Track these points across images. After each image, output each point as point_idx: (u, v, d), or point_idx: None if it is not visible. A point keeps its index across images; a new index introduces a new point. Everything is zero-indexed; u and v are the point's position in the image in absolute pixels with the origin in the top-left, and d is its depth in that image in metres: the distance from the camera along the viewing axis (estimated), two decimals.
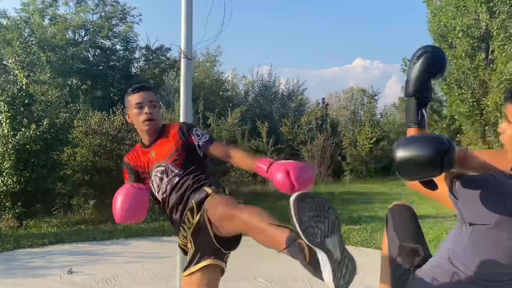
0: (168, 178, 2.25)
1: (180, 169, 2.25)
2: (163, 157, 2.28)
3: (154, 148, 2.33)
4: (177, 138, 2.30)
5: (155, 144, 2.33)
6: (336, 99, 43.70)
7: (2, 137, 7.28)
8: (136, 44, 23.08)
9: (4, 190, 7.28)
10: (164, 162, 2.27)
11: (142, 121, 2.28)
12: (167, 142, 2.31)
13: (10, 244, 6.03)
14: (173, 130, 2.33)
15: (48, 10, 21.39)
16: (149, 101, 2.30)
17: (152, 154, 2.32)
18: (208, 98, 20.14)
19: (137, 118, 2.30)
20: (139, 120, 2.29)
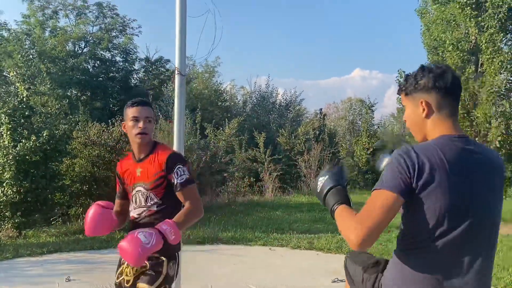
0: (147, 204, 2.37)
1: (159, 198, 2.35)
2: (146, 178, 2.37)
3: (141, 165, 2.40)
4: (163, 167, 2.34)
5: (144, 162, 2.40)
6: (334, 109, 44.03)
7: (3, 148, 7.44)
8: (135, 56, 23.35)
9: (4, 200, 7.41)
10: (146, 185, 2.36)
11: (135, 134, 2.35)
12: (154, 166, 2.36)
13: (9, 253, 6.16)
14: (162, 157, 2.35)
15: (48, 22, 21.67)
16: (146, 117, 2.36)
17: (138, 171, 2.40)
18: (206, 108, 20.34)
19: (131, 130, 2.38)
20: (132, 132, 2.37)
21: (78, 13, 22.62)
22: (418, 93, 1.52)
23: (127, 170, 2.47)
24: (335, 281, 5.06)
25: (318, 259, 6.26)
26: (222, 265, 5.86)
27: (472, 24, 8.52)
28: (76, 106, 18.07)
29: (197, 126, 12.49)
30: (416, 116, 1.55)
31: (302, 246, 6.88)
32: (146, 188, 2.36)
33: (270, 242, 7.13)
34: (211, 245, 7.05)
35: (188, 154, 9.98)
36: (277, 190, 15.10)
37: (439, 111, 1.50)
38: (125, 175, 2.47)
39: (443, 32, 8.79)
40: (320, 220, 9.59)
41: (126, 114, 2.42)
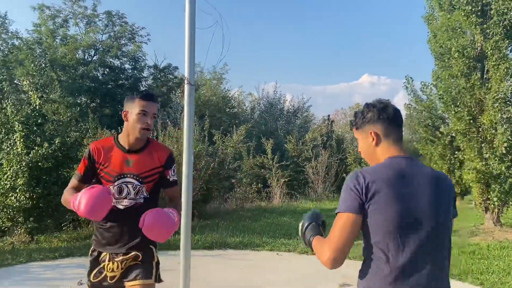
0: (137, 197, 2.36)
1: (147, 192, 2.41)
2: (139, 170, 2.36)
3: (134, 157, 2.37)
4: (162, 163, 2.42)
5: (138, 154, 2.38)
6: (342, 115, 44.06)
7: (16, 155, 7.62)
8: (144, 63, 23.65)
9: (17, 206, 7.57)
10: (139, 177, 2.35)
11: (140, 128, 2.33)
12: (151, 160, 2.39)
13: (23, 258, 6.32)
14: (162, 154, 2.44)
15: (59, 31, 22.04)
16: (153, 113, 2.39)
17: (129, 162, 2.35)
18: (214, 115, 20.52)
19: (136, 122, 2.33)
20: (137, 125, 2.33)
21: (88, 22, 22.98)
22: (367, 125, 1.78)
23: (112, 157, 2.35)
24: (343, 286, 5.14)
25: None
26: (230, 270, 5.96)
27: (478, 31, 8.56)
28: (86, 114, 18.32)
29: (205, 132, 12.65)
30: (368, 146, 1.78)
31: (309, 252, 6.95)
32: (139, 181, 2.36)
33: (278, 247, 7.22)
34: (219, 250, 7.15)
35: (197, 160, 10.10)
36: (284, 196, 15.19)
37: (386, 138, 1.74)
38: (107, 161, 2.35)
39: (448, 39, 8.84)
40: (328, 226, 9.64)
41: (135, 104, 2.35)
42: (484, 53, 8.62)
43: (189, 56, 3.64)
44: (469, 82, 8.45)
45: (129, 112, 2.37)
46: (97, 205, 2.13)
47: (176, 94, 19.70)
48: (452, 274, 5.66)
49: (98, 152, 2.36)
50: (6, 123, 8.03)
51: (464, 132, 8.61)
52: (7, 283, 5.17)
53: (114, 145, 2.39)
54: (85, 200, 2.11)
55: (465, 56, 8.55)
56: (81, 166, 2.39)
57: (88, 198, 2.11)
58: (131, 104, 2.38)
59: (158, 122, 11.80)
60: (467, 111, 8.53)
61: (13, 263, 6.12)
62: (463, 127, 8.52)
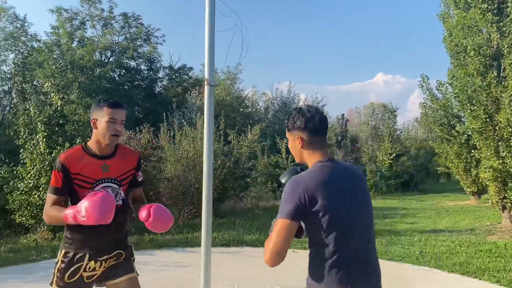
0: (116, 199, 2.44)
1: (124, 194, 2.53)
2: (116, 174, 2.46)
3: (109, 162, 2.45)
4: (134, 166, 2.57)
5: (112, 159, 2.47)
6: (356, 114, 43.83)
7: (39, 155, 7.86)
8: (159, 64, 23.91)
9: (40, 204, 7.80)
10: (117, 181, 2.46)
11: (110, 134, 2.39)
12: (125, 163, 2.51)
13: (47, 254, 6.53)
14: (133, 157, 2.59)
15: (76, 33, 22.43)
16: (121, 120, 2.44)
17: (105, 167, 2.43)
18: (228, 115, 20.67)
19: (105, 129, 2.38)
20: (106, 132, 2.38)
21: (105, 24, 23.33)
22: (295, 131, 2.02)
23: (86, 166, 2.38)
24: None
25: None
26: (247, 266, 6.08)
27: (494, 29, 8.51)
28: None
29: (221, 132, 12.79)
30: (295, 147, 2.05)
31: None
32: (118, 184, 2.46)
33: (294, 245, 7.30)
34: (236, 247, 7.28)
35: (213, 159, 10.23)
36: None
37: (311, 144, 1.99)
38: (82, 169, 2.37)
39: (464, 38, 8.82)
40: None
41: (103, 112, 2.39)
42: (500, 51, 8.57)
43: (209, 58, 3.77)
44: (485, 80, 8.41)
45: (98, 120, 2.42)
46: (108, 208, 2.19)
47: (191, 94, 19.91)
48: (468, 271, 5.70)
49: (70, 163, 2.35)
50: (29, 124, 8.28)
51: (480, 130, 8.58)
52: (32, 278, 5.36)
53: (84, 154, 2.41)
54: (96, 207, 2.15)
55: (481, 54, 8.52)
56: (56, 180, 2.36)
57: (98, 204, 2.16)
58: (99, 112, 2.41)
59: (175, 122, 11.99)
60: (483, 110, 8.49)
61: (38, 259, 6.33)
62: (479, 125, 8.49)
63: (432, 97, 13.16)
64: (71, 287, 2.38)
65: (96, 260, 2.43)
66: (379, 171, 19.54)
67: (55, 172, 2.37)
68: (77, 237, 2.41)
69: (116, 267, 2.50)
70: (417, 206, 13.75)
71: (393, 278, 5.50)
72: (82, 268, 2.40)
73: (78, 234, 2.40)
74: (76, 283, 2.39)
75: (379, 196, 18.46)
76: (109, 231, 2.43)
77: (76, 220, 2.20)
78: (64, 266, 2.39)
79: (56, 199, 2.38)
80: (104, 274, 2.47)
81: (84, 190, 2.37)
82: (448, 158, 13.78)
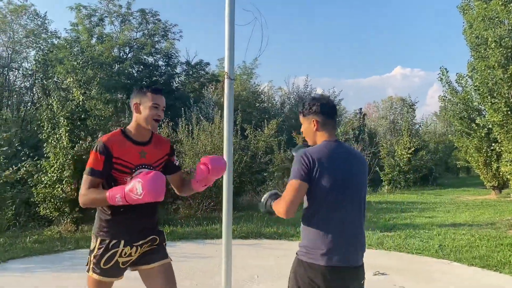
0: None
1: None
2: (152, 160, 2.50)
3: (147, 148, 2.49)
4: (168, 151, 2.62)
5: (148, 146, 2.51)
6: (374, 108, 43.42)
7: (62, 149, 8.05)
8: (177, 60, 24.08)
9: (63, 196, 8.00)
10: (152, 167, 2.48)
11: (152, 119, 2.44)
12: (160, 150, 2.56)
13: (71, 245, 6.71)
14: (166, 144, 2.65)
15: (95, 30, 22.75)
16: (163, 106, 2.51)
17: (143, 153, 2.46)
18: (244, 110, 20.74)
19: (147, 114, 2.43)
20: (149, 117, 2.43)
21: (123, 20, 23.60)
22: (311, 115, 2.31)
23: (127, 151, 2.41)
24: (376, 273, 5.24)
25: None
26: (266, 258, 6.15)
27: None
28: (122, 110, 18.93)
29: (238, 127, 12.87)
30: (310, 130, 2.33)
31: None
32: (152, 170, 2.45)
33: None
34: (254, 240, 7.37)
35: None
36: None
37: (324, 126, 2.29)
38: (124, 155, 2.40)
39: (485, 29, 8.69)
40: None
41: (147, 97, 2.44)
42: None
43: (229, 51, 3.82)
44: (506, 72, 8.30)
45: (140, 105, 2.46)
46: (163, 186, 2.23)
47: (208, 89, 20.04)
48: (488, 264, 5.67)
49: (113, 146, 2.37)
50: (52, 119, 8.48)
51: (502, 123, 8.48)
52: (58, 268, 5.53)
53: (124, 139, 2.44)
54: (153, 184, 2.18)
55: (503, 46, 8.40)
56: (97, 162, 2.35)
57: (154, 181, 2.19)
58: (142, 97, 2.46)
59: (193, 116, 12.12)
60: (504, 102, 8.39)
61: (62, 249, 6.51)
62: (500, 118, 8.40)
63: (452, 90, 13.00)
64: (107, 273, 2.44)
65: (132, 245, 2.47)
66: (398, 166, 19.34)
67: (96, 154, 2.35)
68: (112, 224, 2.44)
69: (152, 252, 2.55)
70: (435, 200, 13.61)
71: (412, 270, 5.52)
72: (118, 254, 2.44)
73: (113, 221, 2.44)
74: (112, 268, 2.43)
75: (397, 190, 18.34)
76: (143, 217, 2.48)
77: (126, 200, 2.21)
78: (100, 253, 2.43)
79: (95, 181, 2.36)
80: (140, 259, 2.52)
81: (123, 175, 2.39)
82: (468, 152, 13.62)
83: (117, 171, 2.39)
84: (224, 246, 3.63)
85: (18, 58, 22.55)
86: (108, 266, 2.43)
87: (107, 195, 2.26)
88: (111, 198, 2.25)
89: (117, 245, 2.43)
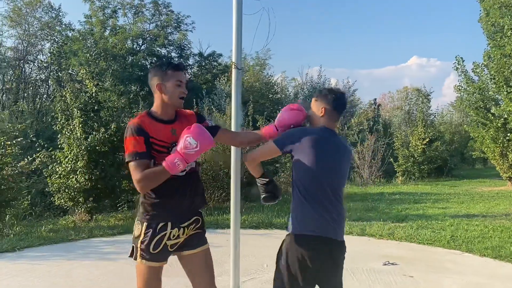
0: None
1: None
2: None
3: (176, 126, 2.43)
4: (195, 122, 2.46)
5: (177, 123, 2.45)
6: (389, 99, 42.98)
7: (76, 140, 8.17)
8: (189, 51, 24.14)
9: (77, 187, 8.14)
10: None
11: (177, 97, 2.41)
12: (188, 123, 2.41)
13: (85, 234, 6.84)
14: (191, 115, 2.56)
15: (108, 22, 22.90)
16: (186, 82, 2.48)
17: (174, 131, 2.40)
18: (257, 101, 20.70)
19: (173, 92, 2.39)
20: (175, 94, 2.39)
21: (136, 12, 23.71)
22: (324, 102, 2.50)
23: (159, 130, 2.37)
24: (386, 264, 5.23)
25: (370, 244, 6.42)
26: (276, 247, 6.15)
27: None
28: (136, 101, 19.08)
29: (249, 118, 12.84)
30: (316, 115, 2.53)
31: (354, 232, 7.05)
32: None
33: None
34: (265, 230, 7.41)
35: None
36: None
37: (329, 115, 2.50)
38: (158, 135, 2.36)
39: (501, 17, 8.50)
40: (373, 209, 9.67)
41: (169, 75, 2.40)
42: None
43: (237, 41, 3.81)
44: None
45: (165, 84, 2.40)
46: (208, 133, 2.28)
47: (220, 81, 20.05)
48: (501, 255, 5.61)
49: (146, 126, 2.34)
50: (66, 110, 8.60)
51: None
52: (72, 256, 5.65)
53: (152, 120, 2.39)
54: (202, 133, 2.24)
55: None
56: (139, 145, 2.29)
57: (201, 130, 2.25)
58: (163, 76, 2.40)
59: (204, 108, 12.16)
60: None
61: (76, 238, 6.64)
62: None
63: (468, 80, 12.78)
64: (157, 257, 2.41)
65: (179, 227, 2.44)
66: (412, 157, 19.13)
67: (134, 138, 2.29)
68: (158, 207, 2.39)
69: (197, 236, 2.54)
70: (450, 192, 13.46)
71: (422, 260, 5.49)
72: (166, 237, 2.41)
73: (158, 204, 2.39)
74: (161, 252, 2.41)
75: (411, 181, 18.18)
76: (186, 197, 2.46)
77: (185, 158, 2.23)
78: (148, 238, 2.38)
79: (144, 163, 2.28)
80: (185, 243, 2.49)
81: (162, 155, 2.32)
82: (484, 142, 13.41)
83: (155, 151, 2.35)
84: (232, 234, 3.65)
85: (34, 50, 22.90)
86: (157, 250, 2.39)
87: (165, 165, 2.23)
88: (170, 165, 2.23)
89: (165, 228, 2.40)
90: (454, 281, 4.65)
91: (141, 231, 2.41)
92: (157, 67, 2.47)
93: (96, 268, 5.02)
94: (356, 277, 4.76)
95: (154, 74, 2.45)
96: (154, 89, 2.44)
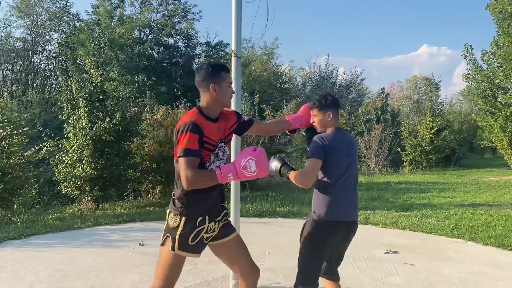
0: (223, 157, 2.66)
1: (229, 149, 2.75)
2: (224, 134, 2.63)
3: (221, 124, 2.60)
4: (235, 119, 2.73)
5: (221, 122, 2.61)
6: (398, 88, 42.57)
7: (82, 129, 8.24)
8: (197, 41, 24.04)
9: (83, 176, 8.23)
10: (224, 139, 2.63)
11: (229, 97, 2.60)
12: (228, 122, 2.66)
13: (90, 222, 6.94)
14: (231, 113, 2.75)
15: (115, 11, 22.86)
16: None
17: (219, 130, 2.57)
18: (265, 91, 20.65)
19: (225, 93, 2.56)
20: (227, 95, 2.57)
21: (143, 1, 23.62)
22: (327, 108, 2.85)
23: (210, 129, 2.51)
24: (388, 252, 5.24)
25: (373, 233, 6.43)
26: (278, 235, 6.22)
27: None
28: (143, 91, 19.14)
29: (255, 108, 12.82)
30: (325, 121, 2.87)
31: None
32: (224, 142, 2.64)
33: None
34: (269, 218, 7.45)
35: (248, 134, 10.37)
36: None
37: (335, 117, 2.86)
38: (209, 134, 2.49)
39: (509, 4, 8.36)
40: (378, 199, 9.66)
41: (223, 78, 2.55)
42: None
43: (236, 30, 3.82)
44: None
45: (219, 86, 2.53)
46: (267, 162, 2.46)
47: None
48: (504, 244, 5.61)
49: (202, 125, 2.45)
50: (72, 100, 8.66)
51: None
52: (77, 243, 5.73)
53: (203, 118, 2.50)
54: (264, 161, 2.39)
55: None
56: (193, 142, 2.38)
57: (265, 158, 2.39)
58: (216, 78, 2.53)
59: None
60: None
61: (82, 226, 6.74)
62: None
63: (476, 68, 12.62)
64: (194, 249, 2.56)
65: (215, 221, 2.61)
66: (419, 146, 19.01)
67: (190, 135, 2.37)
68: (198, 203, 2.54)
69: (227, 226, 2.74)
70: (457, 181, 13.38)
71: (424, 249, 5.49)
72: (204, 231, 2.56)
73: (198, 200, 2.53)
74: (197, 244, 2.56)
75: (418, 171, 18.09)
76: (219, 194, 2.65)
77: (238, 177, 2.37)
78: (187, 231, 2.52)
79: (195, 161, 2.40)
80: (218, 234, 2.67)
81: (209, 153, 2.50)
82: (492, 131, 13.28)
83: (204, 149, 2.47)
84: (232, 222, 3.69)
85: (42, 41, 23.00)
86: (195, 242, 2.54)
87: (218, 175, 2.38)
88: (223, 177, 2.38)
89: (204, 222, 2.55)
90: (455, 269, 4.65)
91: (179, 224, 2.54)
92: (209, 69, 2.57)
93: (100, 255, 5.10)
94: (357, 264, 4.78)
95: (207, 75, 2.55)
96: (206, 89, 2.55)
